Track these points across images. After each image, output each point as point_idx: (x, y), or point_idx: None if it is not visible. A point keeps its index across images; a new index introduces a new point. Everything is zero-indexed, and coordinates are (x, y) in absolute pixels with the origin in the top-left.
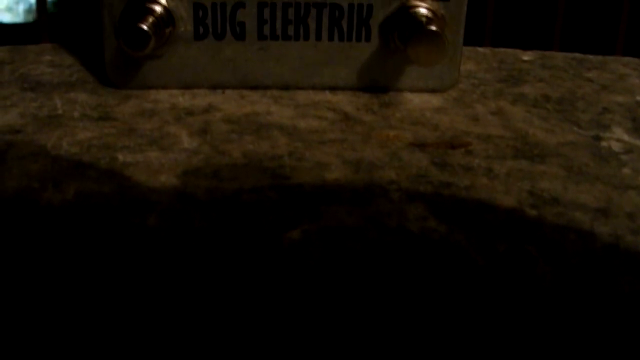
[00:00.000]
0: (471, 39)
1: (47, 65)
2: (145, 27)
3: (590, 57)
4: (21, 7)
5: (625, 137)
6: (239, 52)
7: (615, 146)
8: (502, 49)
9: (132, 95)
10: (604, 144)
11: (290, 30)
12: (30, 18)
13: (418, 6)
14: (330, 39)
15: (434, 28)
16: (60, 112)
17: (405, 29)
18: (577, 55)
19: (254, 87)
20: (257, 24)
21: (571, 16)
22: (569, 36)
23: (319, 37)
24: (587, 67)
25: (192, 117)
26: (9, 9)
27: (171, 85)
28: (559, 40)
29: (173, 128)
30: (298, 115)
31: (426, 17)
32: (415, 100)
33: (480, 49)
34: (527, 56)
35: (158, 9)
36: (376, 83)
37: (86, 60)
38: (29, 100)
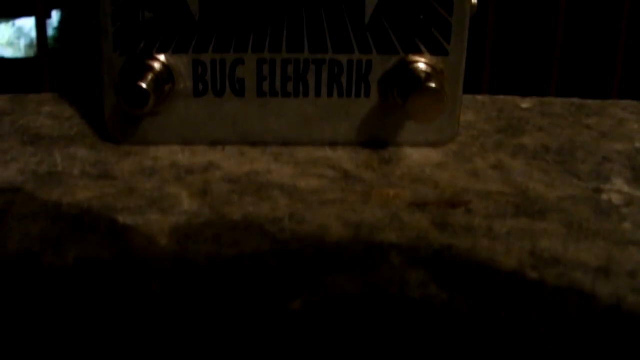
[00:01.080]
0: (469, 86)
1: (47, 117)
2: (144, 86)
3: (589, 102)
4: (22, 42)
5: (626, 189)
6: (239, 109)
7: (616, 199)
8: (501, 97)
9: (131, 152)
10: (604, 196)
11: (290, 87)
12: (32, 53)
13: (417, 61)
14: (330, 95)
15: (433, 85)
16: (60, 168)
17: (404, 85)
18: (576, 100)
19: (254, 143)
20: (256, 81)
21: (568, 58)
22: (566, 78)
23: (318, 94)
24: (586, 113)
25: (192, 176)
26: (10, 44)
27: (171, 142)
28: (556, 81)
29: (173, 188)
30: (298, 174)
31: (425, 72)
32: (415, 156)
33: (479, 97)
34: (525, 103)
35: (157, 65)
36: (376, 138)
37: (86, 112)
38: (29, 155)
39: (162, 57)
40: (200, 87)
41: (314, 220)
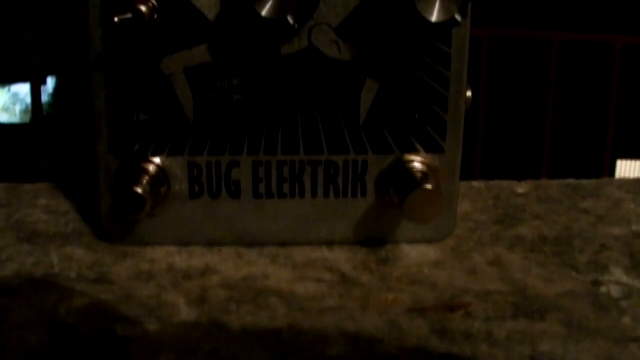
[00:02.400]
0: (462, 168)
1: (43, 210)
2: (140, 191)
3: (584, 182)
4: (18, 108)
5: (624, 279)
6: (235, 211)
7: (615, 291)
8: (497, 182)
9: (128, 253)
10: (603, 289)
11: (286, 188)
12: (27, 119)
13: (413, 161)
14: (326, 195)
15: (429, 187)
16: (56, 270)
17: (401, 186)
18: (571, 182)
19: (251, 244)
20: (252, 183)
21: (559, 134)
22: (558, 158)
23: (314, 194)
24: (581, 195)
25: (189, 282)
26: (6, 109)
27: (167, 242)
28: (547, 159)
29: (171, 295)
30: (296, 279)
31: (422, 172)
32: (413, 254)
33: (475, 184)
34: (521, 188)
35: (152, 168)
36: (373, 237)
37: (82, 207)
38: (25, 255)
39: (157, 160)
40: (196, 189)
41: (312, 330)
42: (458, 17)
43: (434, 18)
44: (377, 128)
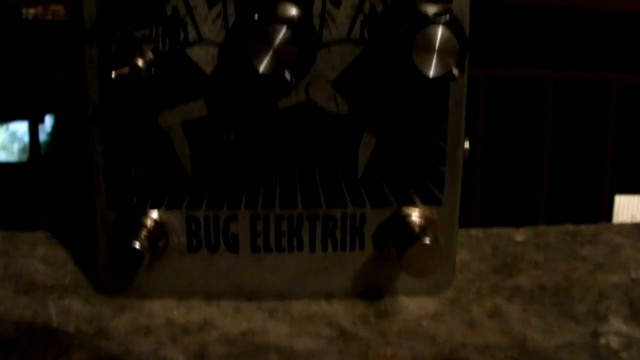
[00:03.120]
0: (460, 211)
1: (41, 261)
2: (138, 246)
3: (582, 228)
4: (16, 146)
5: (624, 329)
6: (233, 264)
7: (614, 342)
8: (495, 230)
9: (126, 306)
10: (602, 340)
11: (284, 242)
12: (25, 157)
13: (411, 214)
14: (324, 249)
15: (428, 241)
16: (55, 324)
17: (399, 239)
18: (570, 228)
19: (249, 297)
20: (250, 237)
21: (556, 176)
22: (556, 193)
23: (312, 248)
24: (580, 242)
25: (188, 337)
26: (4, 148)
27: (166, 295)
28: (546, 192)
29: (170, 351)
30: (295, 334)
31: (420, 226)
32: (411, 307)
33: (473, 232)
34: (519, 235)
35: (150, 222)
36: (371, 289)
37: (79, 257)
38: (24, 307)
39: (155, 214)
40: (194, 242)
41: None
42: (455, 72)
43: (431, 73)
44: (375, 181)
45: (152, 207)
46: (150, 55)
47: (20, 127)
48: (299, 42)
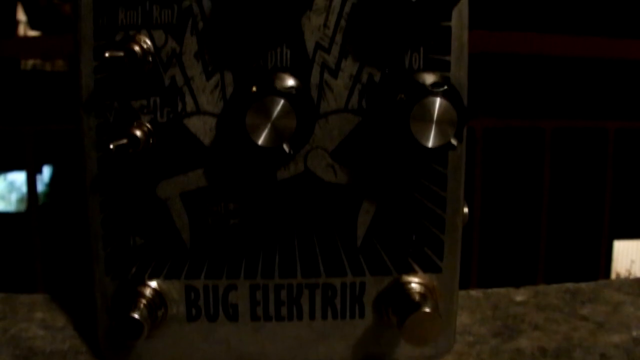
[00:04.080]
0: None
1: (39, 325)
2: (137, 317)
3: (583, 286)
4: (14, 196)
5: None
6: (233, 333)
7: None
8: (495, 290)
9: None
10: None
11: (284, 311)
12: (23, 207)
13: (410, 282)
14: (324, 317)
15: (428, 310)
16: None
17: (399, 308)
18: (570, 286)
19: None
20: (249, 306)
21: (555, 233)
22: (555, 241)
23: (312, 317)
24: (580, 300)
25: None
26: (2, 197)
27: None
28: (545, 240)
29: None
30: None
31: (419, 294)
32: None
33: (473, 293)
34: (520, 296)
35: (149, 292)
36: (372, 356)
37: (78, 322)
38: None
39: (154, 283)
40: (193, 312)
41: None
42: (454, 142)
43: (430, 143)
44: (374, 250)
45: (151, 277)
46: (148, 125)
47: (18, 177)
48: (297, 114)
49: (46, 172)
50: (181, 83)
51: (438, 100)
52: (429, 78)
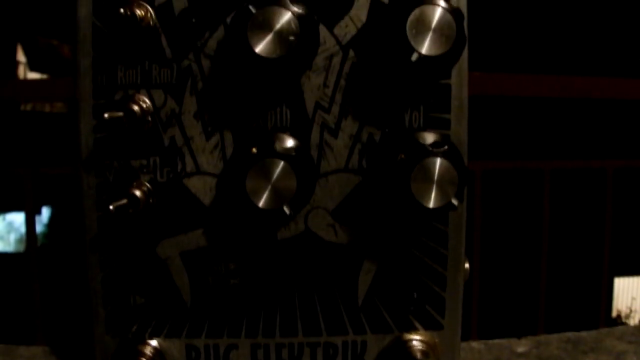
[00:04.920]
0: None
1: None
2: None
3: (584, 335)
4: (12, 237)
5: None
6: None
7: None
8: (496, 342)
9: None
10: None
11: None
12: (21, 248)
13: (412, 339)
14: None
15: None
16: None
17: None
18: (571, 335)
19: None
20: None
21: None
22: (556, 281)
23: None
24: (582, 350)
25: None
26: (0, 238)
27: None
28: (545, 282)
29: None
30: None
31: (421, 351)
32: None
33: (475, 345)
34: (521, 347)
35: (150, 350)
36: None
37: None
38: None
39: (154, 342)
40: None
41: None
42: (455, 202)
43: (431, 204)
44: (376, 308)
45: (152, 336)
46: (148, 185)
47: (17, 218)
48: (297, 175)
49: (45, 213)
50: (181, 143)
51: (438, 161)
52: (429, 137)
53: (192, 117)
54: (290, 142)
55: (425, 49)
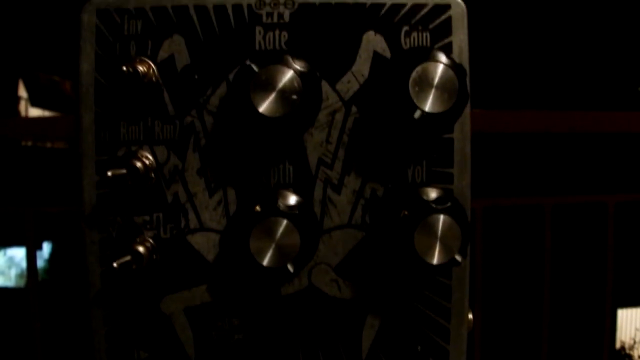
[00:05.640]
0: None
1: None
2: None
3: None
4: (13, 272)
5: None
6: None
7: None
8: None
9: None
10: None
11: None
12: (22, 282)
13: None
14: None
15: None
16: None
17: None
18: None
19: None
20: None
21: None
22: (560, 311)
23: None
24: None
25: None
26: (1, 273)
27: None
28: (549, 311)
29: None
30: None
31: None
32: None
33: None
34: None
35: None
36: None
37: None
38: None
39: None
40: None
41: None
42: (458, 258)
43: (434, 260)
44: None
45: None
46: (151, 241)
47: (18, 253)
48: (300, 233)
49: (46, 248)
50: (184, 199)
51: (442, 218)
52: (432, 193)
53: (195, 174)
54: (293, 199)
55: (428, 106)
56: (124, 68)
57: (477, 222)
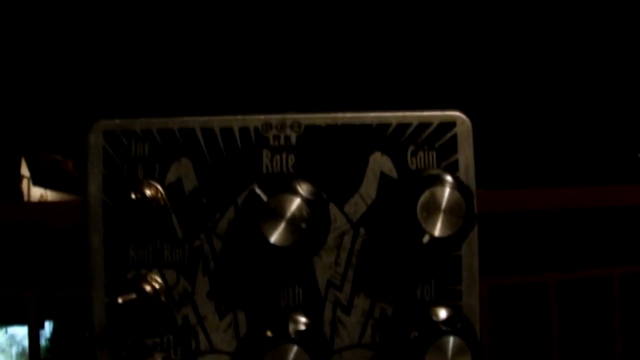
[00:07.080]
0: None
1: None
2: None
3: None
4: (14, 350)
5: None
6: None
7: None
8: None
9: None
10: None
11: None
12: None
13: None
14: None
15: None
16: None
17: None
18: None
19: None
20: None
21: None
22: None
23: None
24: None
25: None
26: (2, 351)
27: None
28: None
29: None
30: None
31: None
32: None
33: None
34: None
35: None
36: None
37: None
38: None
39: None
40: None
41: None
42: None
43: None
44: None
45: None
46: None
47: (19, 331)
48: (311, 357)
49: (48, 327)
50: (194, 322)
51: (452, 340)
52: (442, 313)
53: (204, 297)
54: (303, 322)
55: (437, 231)
56: (133, 196)
57: (482, 303)
